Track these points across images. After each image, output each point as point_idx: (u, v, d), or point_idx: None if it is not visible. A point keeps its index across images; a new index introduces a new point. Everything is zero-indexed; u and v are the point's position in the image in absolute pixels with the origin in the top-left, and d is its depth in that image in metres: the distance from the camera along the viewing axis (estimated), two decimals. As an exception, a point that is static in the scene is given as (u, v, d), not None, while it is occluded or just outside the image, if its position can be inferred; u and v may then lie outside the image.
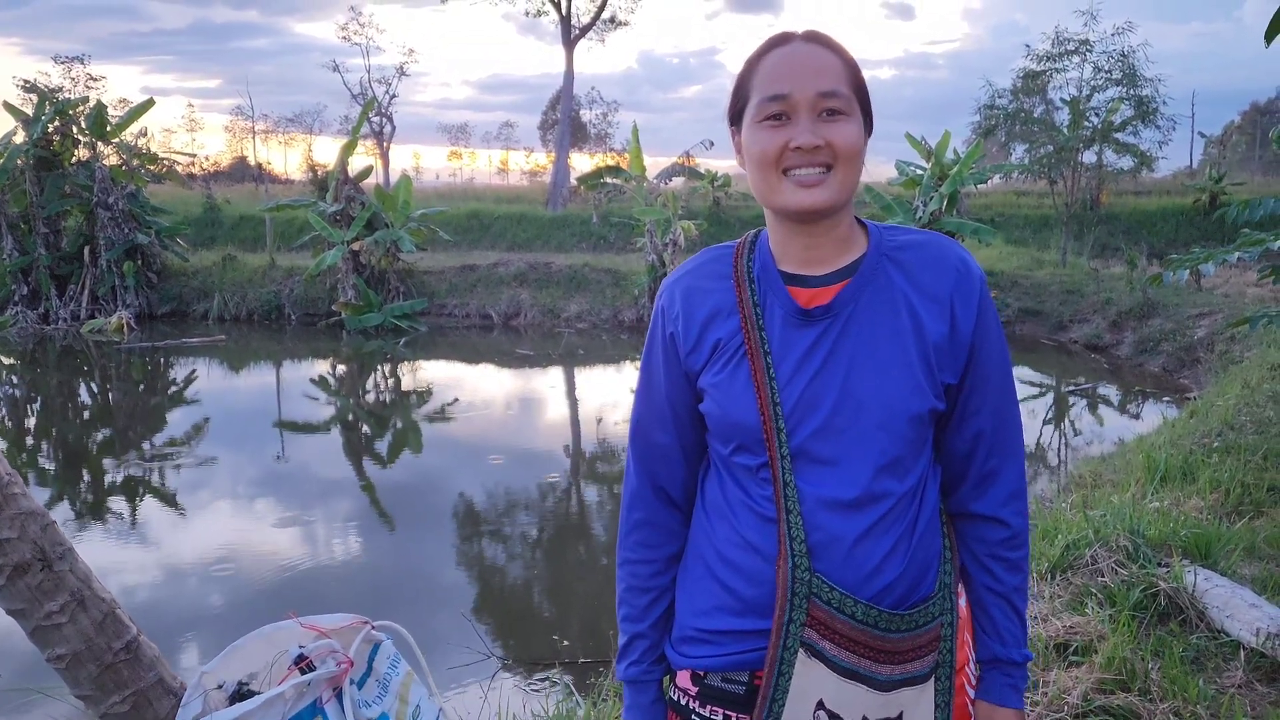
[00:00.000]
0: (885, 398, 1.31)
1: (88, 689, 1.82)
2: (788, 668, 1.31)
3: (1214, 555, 3.81)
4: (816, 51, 1.31)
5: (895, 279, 1.35)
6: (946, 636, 1.36)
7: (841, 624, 1.30)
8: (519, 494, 8.07)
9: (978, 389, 1.37)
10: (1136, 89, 18.67)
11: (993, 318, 1.37)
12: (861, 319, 1.33)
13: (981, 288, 1.36)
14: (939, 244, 1.38)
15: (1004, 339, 1.40)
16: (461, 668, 4.72)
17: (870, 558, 1.30)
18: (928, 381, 1.32)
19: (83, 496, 8.12)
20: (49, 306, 17.71)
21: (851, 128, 1.30)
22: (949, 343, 1.34)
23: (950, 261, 1.36)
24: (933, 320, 1.33)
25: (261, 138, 48.27)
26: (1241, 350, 11.06)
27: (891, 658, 1.32)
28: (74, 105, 18.36)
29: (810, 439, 1.32)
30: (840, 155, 1.29)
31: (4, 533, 1.72)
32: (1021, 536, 1.41)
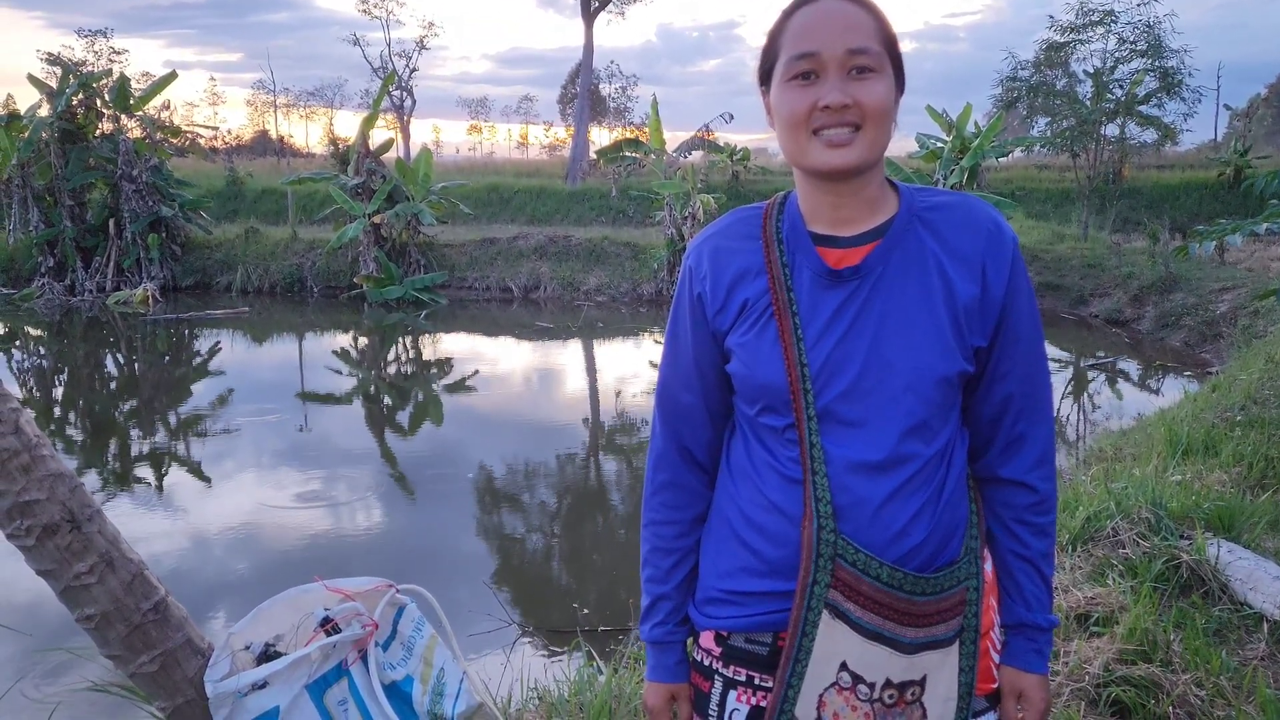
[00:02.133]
0: (913, 360, 1.29)
1: (117, 649, 1.85)
2: (811, 629, 1.31)
3: (1237, 528, 3.79)
4: (846, 8, 1.28)
5: (926, 240, 1.33)
6: (972, 601, 1.35)
7: (867, 586, 1.29)
8: (538, 465, 8.11)
9: (1007, 352, 1.36)
10: (1161, 61, 18.39)
11: (1024, 280, 1.36)
12: (891, 280, 1.31)
13: (1014, 249, 1.35)
14: (970, 205, 1.36)
15: (1035, 302, 1.39)
16: (482, 635, 4.77)
17: (896, 520, 1.29)
18: (957, 344, 1.31)
19: (110, 466, 8.22)
20: (75, 279, 17.86)
21: (881, 86, 1.27)
22: (979, 305, 1.32)
23: (982, 222, 1.34)
24: (963, 282, 1.32)
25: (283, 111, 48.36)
26: (1265, 325, 10.95)
27: (916, 620, 1.31)
28: (97, 78, 18.44)
29: (837, 400, 1.31)
30: (869, 114, 1.26)
31: (33, 494, 1.74)
32: (1049, 501, 1.39)
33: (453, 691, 1.96)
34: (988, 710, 1.41)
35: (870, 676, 1.32)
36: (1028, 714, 1.41)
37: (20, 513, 1.73)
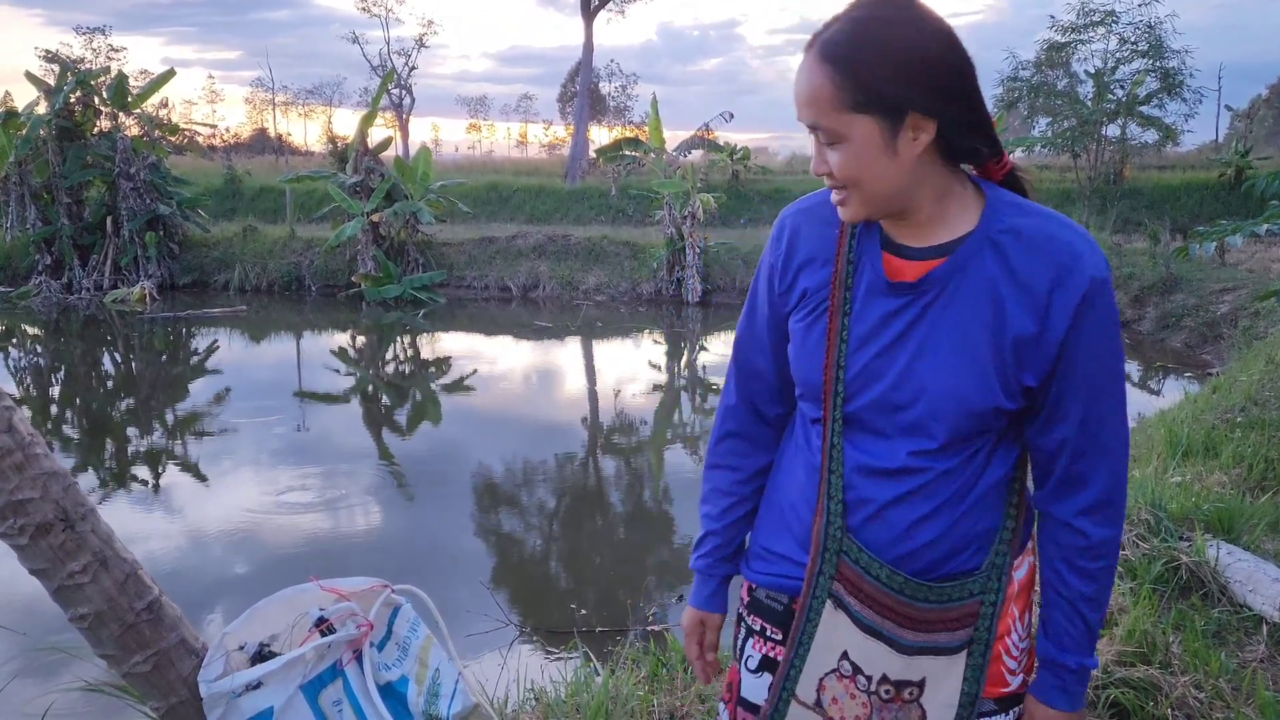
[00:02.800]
0: (945, 388, 1.27)
1: (110, 649, 1.84)
2: (815, 615, 1.38)
3: (1237, 530, 3.78)
4: (812, 70, 1.21)
5: (990, 266, 1.26)
6: (986, 615, 1.34)
7: (868, 585, 1.34)
8: (536, 465, 8.10)
9: (1067, 396, 1.28)
10: (1163, 61, 18.40)
11: (1098, 322, 1.24)
12: (945, 303, 1.27)
13: (1091, 286, 1.22)
14: (1051, 232, 1.25)
15: (1115, 345, 1.27)
16: (479, 635, 4.76)
17: (899, 522, 1.31)
18: (999, 380, 1.26)
19: (106, 465, 8.20)
20: (72, 276, 17.83)
21: (841, 157, 1.23)
22: (1036, 341, 1.25)
23: (1056, 254, 1.24)
24: (1020, 315, 1.24)
25: (281, 110, 48.33)
26: (1266, 326, 10.95)
27: (916, 625, 1.33)
28: (95, 76, 18.41)
29: (864, 409, 1.33)
30: (844, 181, 1.25)
31: (26, 492, 1.73)
32: (1102, 548, 1.32)
33: (448, 692, 1.95)
34: (996, 713, 1.41)
35: (868, 670, 1.36)
36: None
37: (13, 511, 1.72)
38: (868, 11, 1.20)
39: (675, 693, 2.91)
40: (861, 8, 1.21)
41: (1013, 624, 1.39)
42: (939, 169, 1.26)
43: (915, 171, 1.24)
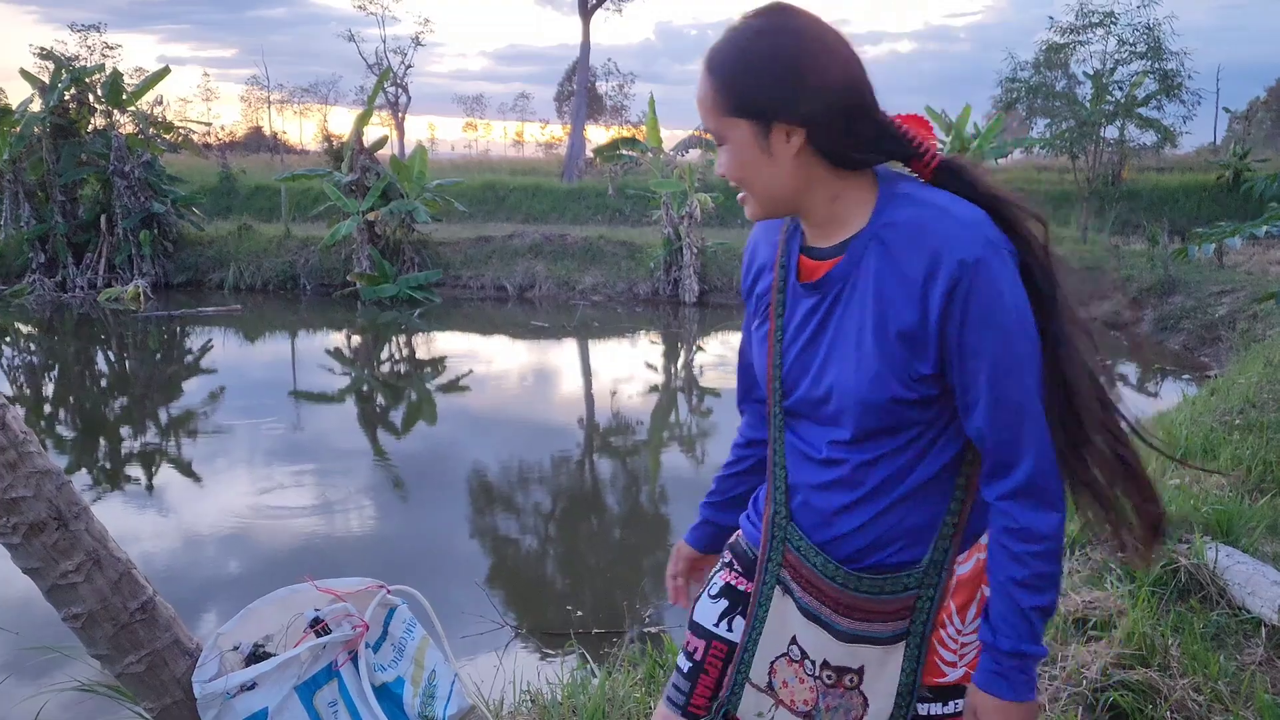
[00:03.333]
0: (845, 384, 1.33)
1: (104, 649, 1.82)
2: (766, 601, 1.48)
3: (1235, 532, 3.77)
4: (703, 83, 1.32)
5: (876, 261, 1.31)
6: (922, 609, 1.38)
7: (806, 570, 1.43)
8: (532, 466, 8.08)
9: (968, 384, 1.29)
10: (1161, 63, 18.41)
11: (978, 306, 1.24)
12: (845, 300, 1.34)
13: (958, 272, 1.24)
14: (924, 221, 1.28)
15: (1006, 326, 1.26)
16: (475, 636, 4.74)
17: (822, 508, 1.40)
18: (890, 372, 1.30)
19: (100, 464, 8.17)
20: (66, 275, 17.76)
21: (727, 158, 1.33)
22: (919, 332, 1.28)
23: (928, 243, 1.26)
24: (902, 307, 1.28)
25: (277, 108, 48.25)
26: (1264, 328, 10.95)
27: (850, 612, 1.40)
28: (90, 73, 18.34)
29: (798, 403, 1.42)
30: (735, 182, 1.34)
31: (19, 491, 1.71)
32: (1030, 533, 1.30)
33: (444, 694, 1.94)
34: (932, 701, 1.44)
35: (813, 654, 1.45)
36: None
37: (6, 510, 1.70)
38: (747, 24, 1.29)
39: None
40: (744, 20, 1.30)
41: (949, 618, 1.41)
42: (827, 172, 1.31)
43: (798, 174, 1.30)
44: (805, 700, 1.46)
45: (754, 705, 1.51)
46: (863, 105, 1.29)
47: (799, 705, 1.47)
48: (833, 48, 1.28)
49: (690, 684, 1.57)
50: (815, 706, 1.46)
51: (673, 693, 1.59)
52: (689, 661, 1.58)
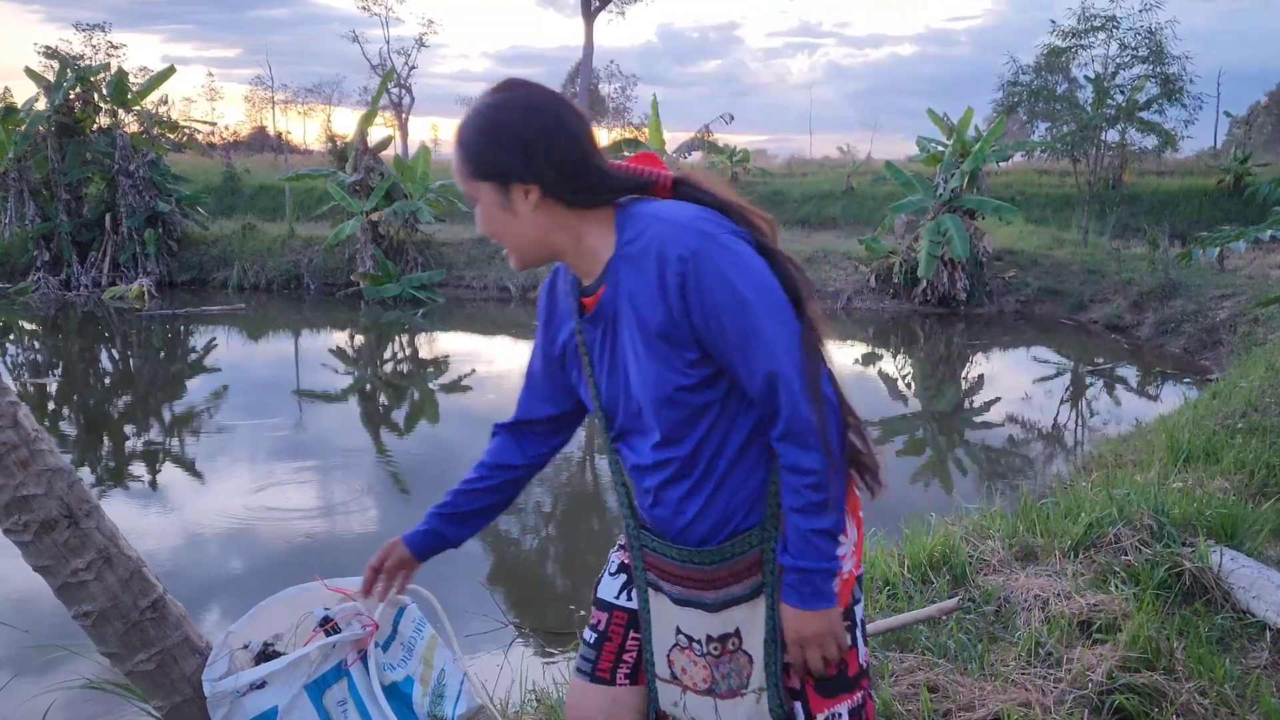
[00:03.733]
0: (638, 390, 1.53)
1: (114, 647, 1.82)
2: (645, 604, 1.68)
3: (1239, 536, 3.77)
4: (455, 153, 1.52)
5: (625, 279, 1.49)
6: (769, 560, 1.56)
7: (669, 565, 1.61)
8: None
9: (729, 356, 1.47)
10: (1163, 67, 18.39)
11: (708, 290, 1.43)
12: (619, 319, 1.53)
13: (682, 267, 1.43)
14: (647, 239, 1.47)
15: (739, 295, 1.44)
16: (478, 635, 4.74)
17: (670, 501, 1.57)
18: (666, 367, 1.48)
19: (104, 462, 8.18)
20: (70, 273, 17.79)
21: (480, 214, 1.53)
22: (672, 327, 1.46)
23: (652, 250, 1.46)
24: (652, 309, 1.47)
25: (281, 108, 48.13)
26: (1265, 332, 10.95)
27: (714, 584, 1.58)
28: (95, 72, 18.38)
29: (622, 424, 1.61)
30: (491, 236, 1.54)
31: (31, 489, 1.72)
32: (797, 470, 1.48)
33: (453, 694, 1.94)
34: None
35: (696, 635, 1.62)
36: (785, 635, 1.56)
37: (18, 508, 1.71)
38: (485, 101, 1.49)
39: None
40: (484, 97, 1.50)
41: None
42: (566, 215, 1.51)
43: (540, 223, 1.50)
44: (704, 679, 1.63)
45: (668, 696, 1.68)
46: (584, 159, 1.49)
47: (700, 685, 1.64)
48: (557, 115, 1.48)
49: (596, 652, 1.75)
50: (713, 680, 1.63)
51: (581, 663, 1.76)
52: (594, 633, 1.76)
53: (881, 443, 8.85)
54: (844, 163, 31.79)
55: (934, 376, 12.21)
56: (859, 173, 26.80)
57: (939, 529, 4.13)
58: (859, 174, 26.60)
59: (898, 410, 10.64)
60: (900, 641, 3.14)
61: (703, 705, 1.65)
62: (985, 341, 14.19)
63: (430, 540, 1.84)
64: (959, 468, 8.26)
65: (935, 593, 3.49)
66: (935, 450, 8.90)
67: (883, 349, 14.03)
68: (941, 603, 3.29)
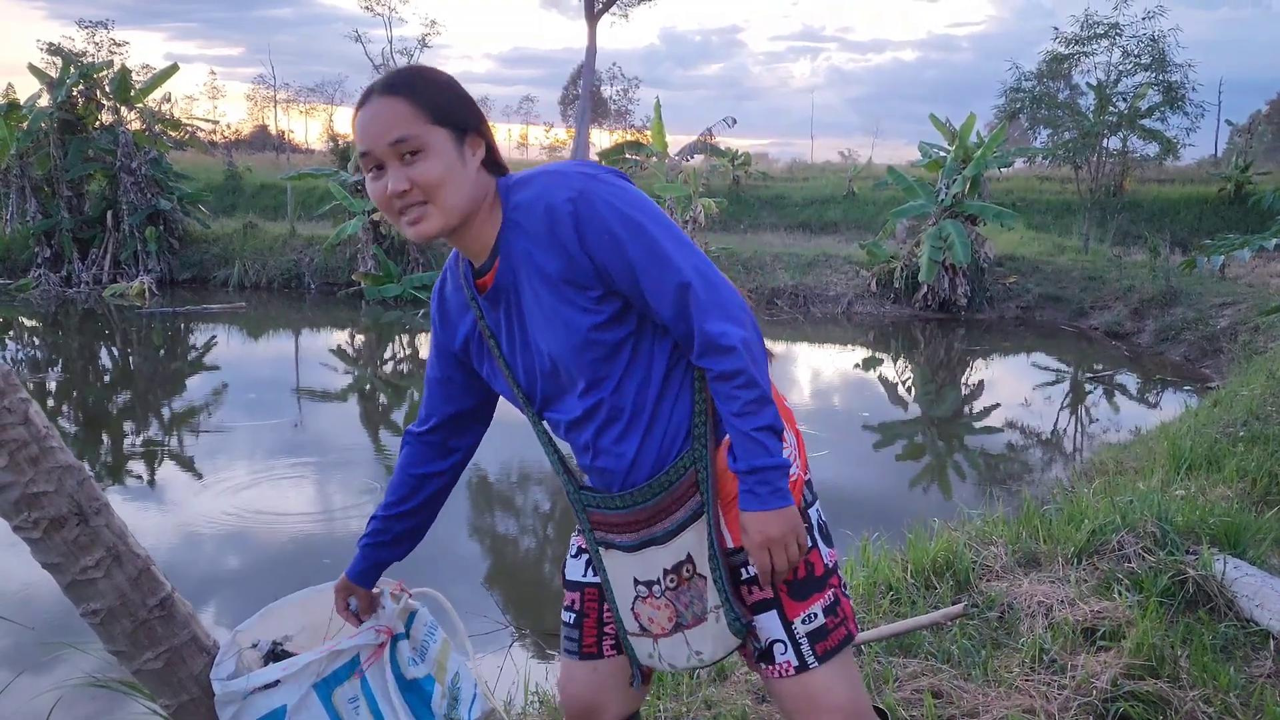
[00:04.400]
0: (555, 345, 1.56)
1: (122, 645, 1.82)
2: (600, 564, 1.73)
3: (1243, 544, 3.77)
4: (386, 104, 1.47)
5: (518, 241, 1.53)
6: (703, 479, 1.60)
7: (614, 517, 1.66)
8: (532, 466, 8.07)
9: (631, 285, 1.51)
10: (1165, 74, 18.42)
11: (601, 224, 1.47)
12: (519, 286, 1.56)
13: (573, 208, 1.47)
14: (532, 195, 1.52)
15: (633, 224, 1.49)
16: (478, 636, 4.73)
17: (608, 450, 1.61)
18: (575, 311, 1.52)
19: (102, 459, 8.17)
20: (71, 270, 17.78)
21: (427, 164, 1.47)
22: (572, 269, 1.50)
23: (539, 203, 1.50)
24: (549, 259, 1.50)
25: (283, 107, 48.17)
26: (1266, 340, 10.95)
27: (660, 515, 1.62)
28: (98, 70, 18.35)
29: (543, 390, 1.64)
30: (426, 190, 1.48)
31: (41, 486, 1.71)
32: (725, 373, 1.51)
33: (467, 697, 1.94)
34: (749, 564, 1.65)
35: (652, 575, 1.66)
36: (746, 543, 1.58)
37: (28, 504, 1.70)
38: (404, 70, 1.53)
39: (681, 698, 2.90)
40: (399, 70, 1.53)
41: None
42: (487, 180, 1.55)
43: (477, 182, 1.53)
44: (669, 618, 1.67)
45: (643, 650, 1.73)
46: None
47: (667, 625, 1.68)
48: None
49: (578, 631, 1.81)
50: (678, 614, 1.66)
51: (567, 644, 1.83)
52: (571, 613, 1.82)
53: (882, 447, 8.86)
54: (845, 167, 31.79)
55: (934, 381, 12.21)
56: (860, 177, 26.82)
57: (942, 534, 4.13)
58: (860, 178, 26.62)
59: (898, 415, 10.64)
60: (904, 647, 3.14)
61: (674, 645, 1.68)
62: (986, 347, 14.19)
63: (373, 571, 1.90)
64: (959, 473, 8.25)
65: (938, 598, 3.48)
66: (935, 455, 8.89)
67: (883, 354, 14.03)
68: (946, 608, 3.29)
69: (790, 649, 1.63)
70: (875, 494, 7.12)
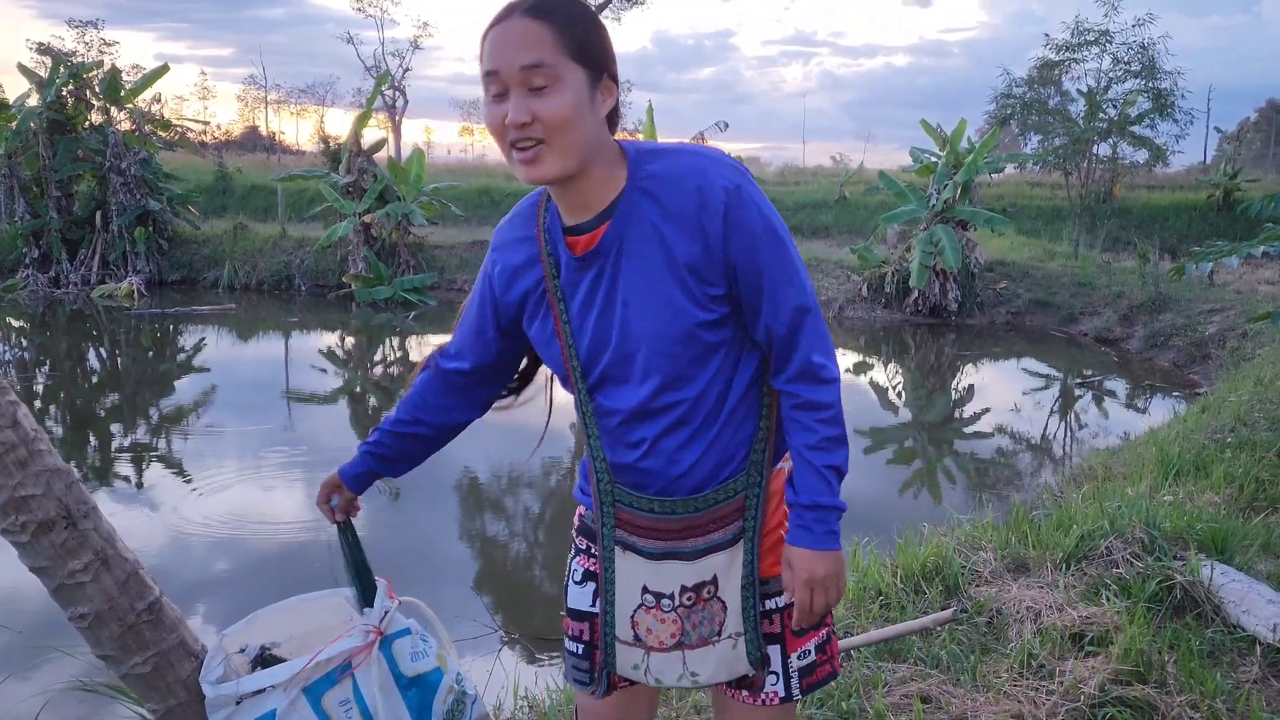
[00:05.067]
0: (651, 326, 1.46)
1: (109, 649, 1.81)
2: (610, 564, 1.63)
3: (1230, 550, 3.79)
4: (527, 25, 1.35)
5: (647, 210, 1.44)
6: (751, 506, 1.56)
7: (643, 520, 1.58)
8: (522, 470, 8.07)
9: (751, 292, 1.46)
10: (1155, 82, 18.51)
11: (749, 223, 1.43)
12: (627, 255, 1.46)
13: (727, 198, 1.41)
14: (681, 168, 1.44)
15: (772, 232, 1.45)
16: (466, 640, 4.73)
17: (664, 452, 1.53)
18: (689, 301, 1.45)
19: (90, 461, 8.13)
20: (59, 270, 17.71)
21: (556, 99, 1.35)
22: (705, 259, 1.43)
23: (691, 181, 1.42)
24: (683, 243, 1.43)
25: (274, 108, 48.05)
26: (1254, 347, 11.00)
27: (694, 532, 1.57)
28: (88, 69, 18.30)
29: (607, 368, 1.53)
30: (549, 128, 1.35)
31: (29, 489, 1.71)
32: (814, 403, 1.50)
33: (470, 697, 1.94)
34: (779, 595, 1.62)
35: (668, 589, 1.59)
36: (792, 580, 1.55)
37: (15, 508, 1.70)
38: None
39: (670, 703, 2.90)
40: None
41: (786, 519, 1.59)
42: (607, 132, 1.46)
43: (601, 129, 1.43)
44: (671, 635, 1.61)
45: (629, 659, 1.65)
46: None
47: (667, 643, 1.62)
48: None
49: (589, 663, 1.73)
50: (683, 632, 1.61)
51: (577, 674, 1.74)
52: (579, 644, 1.74)
53: (872, 452, 8.87)
54: (837, 172, 31.87)
55: (924, 386, 12.24)
56: (852, 182, 26.88)
57: (931, 539, 4.14)
58: (852, 183, 26.67)
59: (888, 420, 10.65)
60: (893, 652, 3.14)
61: (669, 661, 1.63)
62: (976, 352, 14.23)
63: (366, 479, 1.90)
64: (949, 478, 8.27)
65: (928, 603, 3.49)
66: (925, 460, 8.91)
67: (874, 358, 14.05)
68: (935, 614, 3.30)
69: (781, 680, 1.64)
70: (865, 499, 7.13)
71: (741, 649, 1.60)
